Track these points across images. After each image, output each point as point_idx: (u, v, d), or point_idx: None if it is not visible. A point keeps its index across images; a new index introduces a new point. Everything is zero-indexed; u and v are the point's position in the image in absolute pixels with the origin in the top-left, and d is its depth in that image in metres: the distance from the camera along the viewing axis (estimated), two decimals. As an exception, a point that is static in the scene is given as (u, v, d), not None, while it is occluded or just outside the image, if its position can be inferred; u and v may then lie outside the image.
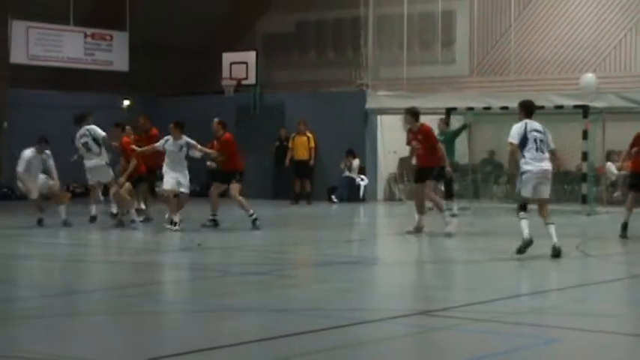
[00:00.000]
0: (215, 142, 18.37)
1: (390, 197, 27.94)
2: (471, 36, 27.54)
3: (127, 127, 20.24)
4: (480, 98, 25.34)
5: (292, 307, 9.51)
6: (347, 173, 27.26)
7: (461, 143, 23.39)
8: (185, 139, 17.86)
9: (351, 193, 27.16)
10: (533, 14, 26.76)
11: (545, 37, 26.54)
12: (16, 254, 14.37)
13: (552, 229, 13.37)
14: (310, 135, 26.60)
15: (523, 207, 13.53)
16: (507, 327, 8.54)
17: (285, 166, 26.67)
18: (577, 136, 22.79)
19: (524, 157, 13.46)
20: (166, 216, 17.91)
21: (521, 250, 13.20)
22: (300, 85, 29.18)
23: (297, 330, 8.10)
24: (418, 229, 16.82)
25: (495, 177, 27.26)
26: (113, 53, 27.93)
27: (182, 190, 17.80)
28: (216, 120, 18.49)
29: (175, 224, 17.47)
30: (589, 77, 24.93)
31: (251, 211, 17.85)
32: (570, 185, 24.84)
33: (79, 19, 27.21)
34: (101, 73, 28.28)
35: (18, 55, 26.05)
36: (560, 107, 23.23)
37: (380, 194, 27.86)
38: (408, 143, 17.31)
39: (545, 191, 13.55)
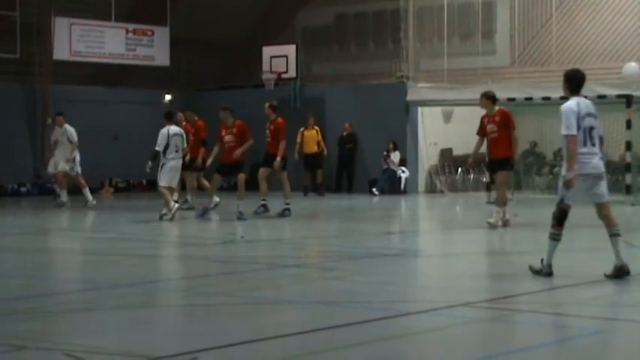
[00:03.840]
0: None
1: (431, 189, 27.89)
2: (511, 26, 27.39)
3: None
4: (521, 89, 25.20)
5: (335, 299, 9.53)
6: (387, 165, 27.24)
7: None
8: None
9: (391, 186, 27.14)
10: (574, 3, 26.55)
11: (586, 27, 26.33)
12: (62, 249, 14.52)
13: (619, 242, 10.38)
14: (318, 128, 26.77)
15: (561, 219, 10.44)
16: (552, 318, 8.51)
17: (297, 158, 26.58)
18: (620, 125, 22.62)
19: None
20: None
21: (537, 272, 10.55)
22: (340, 78, 29.20)
23: (341, 322, 8.12)
24: (504, 223, 16.41)
25: (538, 168, 27.12)
26: (154, 48, 28.10)
27: None
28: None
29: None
30: (632, 66, 24.70)
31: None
32: (614, 175, 24.66)
33: (121, 15, 27.42)
34: (142, 68, 28.47)
35: (61, 52, 26.30)
36: (603, 97, 23.06)
37: (421, 186, 27.82)
38: (482, 130, 16.72)
39: (604, 193, 10.49)
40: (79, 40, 26.60)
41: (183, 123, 21.71)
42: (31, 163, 27.09)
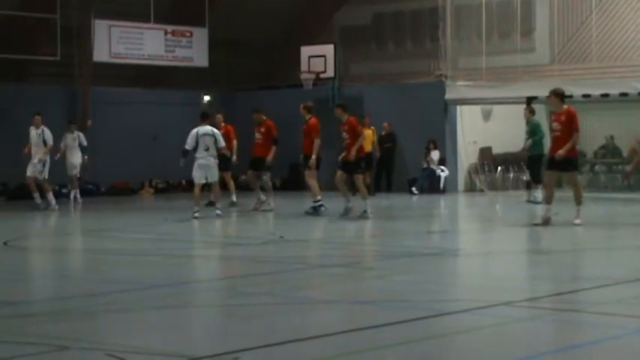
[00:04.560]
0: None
1: (471, 188, 27.77)
2: (551, 23, 27.16)
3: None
4: (561, 86, 24.93)
5: (376, 298, 9.52)
6: (427, 164, 27.17)
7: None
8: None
9: (431, 185, 27.07)
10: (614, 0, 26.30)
11: (627, 23, 26.06)
12: (101, 249, 14.60)
13: None
14: (374, 128, 26.55)
15: None
16: (594, 317, 8.44)
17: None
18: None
19: None
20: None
21: None
22: (378, 77, 29.14)
23: (382, 322, 8.10)
24: (546, 221, 16.28)
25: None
26: (193, 49, 28.21)
27: None
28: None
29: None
30: (673, 63, 24.44)
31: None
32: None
33: (160, 17, 27.55)
34: (180, 69, 28.59)
35: (101, 54, 26.47)
36: (644, 93, 22.88)
37: (460, 185, 27.71)
38: (551, 127, 16.80)
39: None
40: (119, 42, 26.76)
41: (222, 124, 21.76)
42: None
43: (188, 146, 19.03)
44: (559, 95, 16.58)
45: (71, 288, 10.75)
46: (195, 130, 19.05)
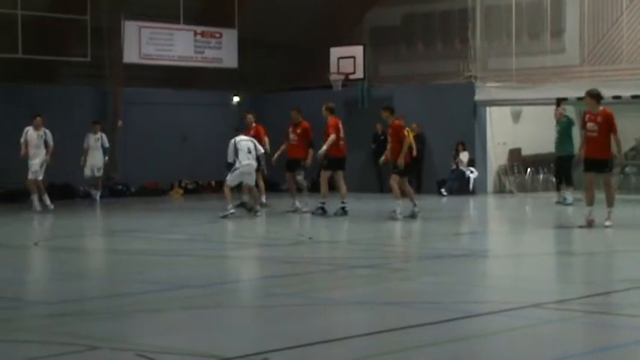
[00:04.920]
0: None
1: (500, 189, 27.67)
2: (581, 24, 27.01)
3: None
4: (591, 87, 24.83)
5: (403, 300, 9.51)
6: (456, 166, 27.09)
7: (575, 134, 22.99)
8: None
9: (460, 186, 26.99)
10: (646, 0, 26.12)
11: (658, 24, 25.90)
12: (131, 250, 14.67)
13: None
14: (408, 129, 26.32)
15: None
16: (624, 319, 8.39)
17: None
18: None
19: None
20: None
21: None
22: (408, 78, 29.09)
23: (410, 323, 8.09)
24: (589, 223, 16.17)
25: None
26: (222, 50, 28.25)
27: None
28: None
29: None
30: None
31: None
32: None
33: (189, 18, 27.63)
34: (209, 70, 28.66)
35: (131, 55, 26.57)
36: (675, 95, 22.71)
37: (490, 187, 27.61)
38: (583, 126, 16.54)
39: None
40: (149, 43, 26.84)
41: (253, 124, 21.74)
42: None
43: (230, 159, 19.28)
44: (595, 96, 16.46)
45: (101, 288, 10.81)
46: (232, 141, 19.33)
